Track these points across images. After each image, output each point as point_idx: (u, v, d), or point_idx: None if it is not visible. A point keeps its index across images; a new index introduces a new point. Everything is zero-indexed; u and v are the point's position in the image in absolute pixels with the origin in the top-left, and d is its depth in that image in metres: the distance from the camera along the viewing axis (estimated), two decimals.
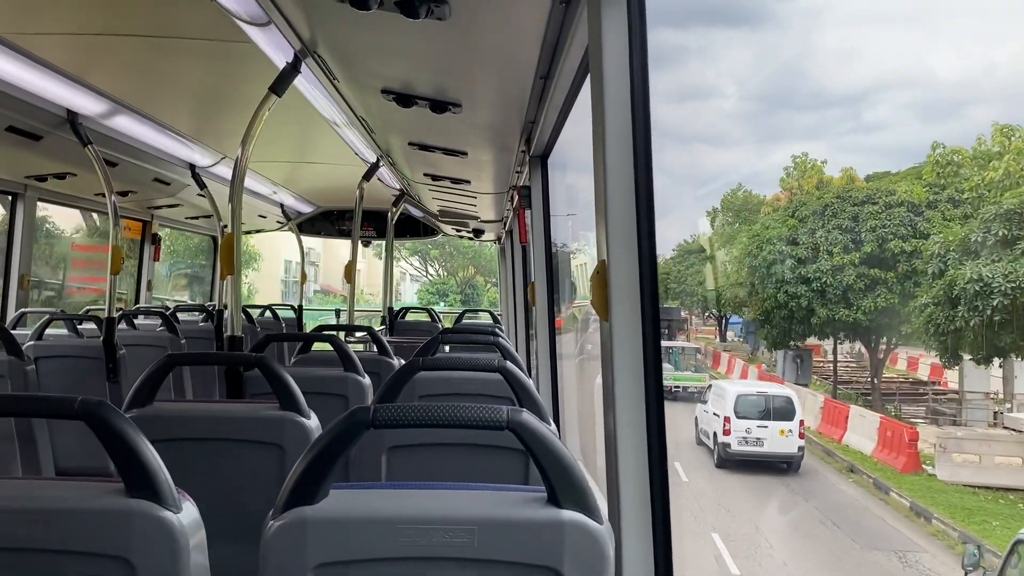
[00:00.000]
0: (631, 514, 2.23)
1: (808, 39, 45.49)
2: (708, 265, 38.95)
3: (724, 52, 48.64)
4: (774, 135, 47.57)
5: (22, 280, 6.47)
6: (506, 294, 11.84)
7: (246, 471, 2.83)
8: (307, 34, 3.38)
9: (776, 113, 47.71)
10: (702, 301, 40.46)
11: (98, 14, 3.57)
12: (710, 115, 46.71)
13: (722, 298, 36.71)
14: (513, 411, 1.75)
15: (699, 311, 43.29)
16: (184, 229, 10.65)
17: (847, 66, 46.29)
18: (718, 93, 47.62)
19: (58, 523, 1.71)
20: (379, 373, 4.37)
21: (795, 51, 45.00)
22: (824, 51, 46.03)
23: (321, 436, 1.76)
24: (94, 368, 5.49)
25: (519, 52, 3.29)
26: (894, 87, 47.85)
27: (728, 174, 49.41)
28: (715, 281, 37.09)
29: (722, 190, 43.06)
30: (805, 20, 48.06)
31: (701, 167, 47.98)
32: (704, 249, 40.69)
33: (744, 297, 32.84)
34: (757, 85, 45.89)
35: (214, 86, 4.83)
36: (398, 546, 1.72)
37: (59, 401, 1.77)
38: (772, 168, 46.06)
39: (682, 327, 40.39)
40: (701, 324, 43.90)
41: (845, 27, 49.89)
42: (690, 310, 42.63)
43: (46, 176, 6.15)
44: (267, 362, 2.93)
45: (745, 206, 41.17)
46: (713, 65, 47.39)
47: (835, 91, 46.00)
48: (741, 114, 48.12)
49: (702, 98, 46.33)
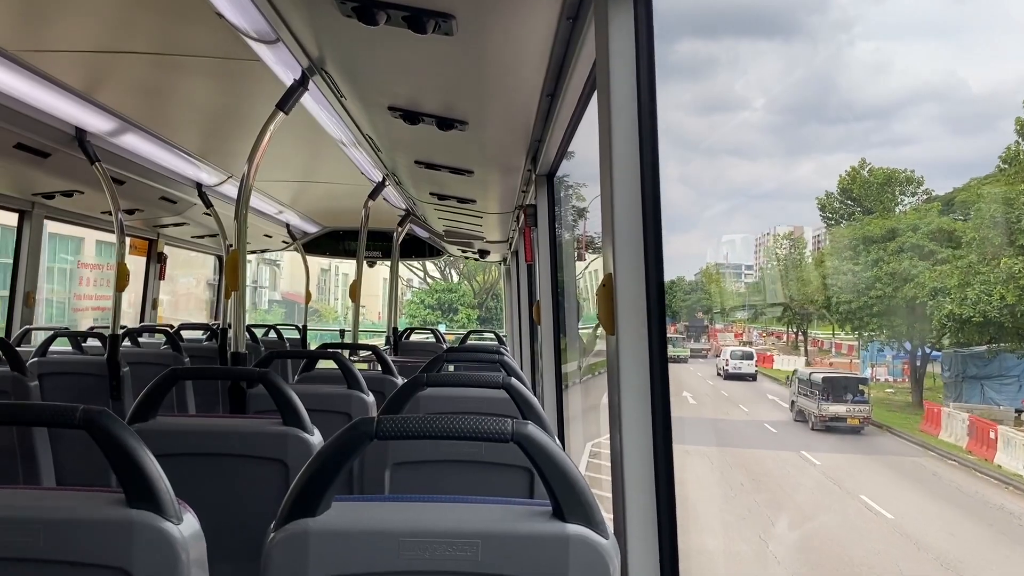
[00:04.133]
0: (637, 529, 2.20)
1: (840, 51, 45.40)
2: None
3: (752, 63, 48.59)
4: (803, 147, 47.36)
5: (27, 297, 6.48)
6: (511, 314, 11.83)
7: (249, 487, 2.81)
8: (315, 51, 3.39)
9: (806, 124, 47.53)
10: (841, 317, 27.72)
11: (107, 32, 3.60)
12: (737, 126, 46.44)
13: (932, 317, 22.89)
14: (518, 424, 1.73)
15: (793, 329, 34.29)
16: (189, 248, 10.68)
17: (877, 78, 46.17)
18: (746, 105, 47.50)
19: (58, 533, 1.69)
20: (383, 392, 4.36)
21: (825, 63, 44.80)
22: (856, 63, 45.93)
23: (324, 447, 1.75)
24: (97, 385, 5.48)
25: (526, 68, 3.30)
26: (926, 99, 47.71)
27: (759, 185, 48.71)
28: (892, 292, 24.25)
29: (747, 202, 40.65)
30: (836, 32, 48.06)
31: (726, 179, 47.52)
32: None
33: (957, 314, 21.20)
34: (786, 96, 45.70)
35: (221, 104, 4.86)
36: (401, 560, 1.69)
37: (61, 410, 1.76)
38: (800, 180, 45.36)
39: (699, 336, 35.25)
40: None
41: (877, 39, 49.91)
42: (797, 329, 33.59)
43: (53, 194, 6.17)
44: (271, 377, 2.92)
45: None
46: (743, 76, 47.28)
47: (866, 103, 45.84)
48: (770, 126, 47.95)
49: (731, 110, 46.14)
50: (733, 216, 42.69)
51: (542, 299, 5.68)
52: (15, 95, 4.19)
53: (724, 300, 38.81)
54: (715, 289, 38.43)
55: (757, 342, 35.82)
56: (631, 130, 2.28)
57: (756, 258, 42.27)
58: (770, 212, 45.45)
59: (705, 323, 36.79)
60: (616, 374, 2.24)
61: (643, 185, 2.28)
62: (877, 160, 34.11)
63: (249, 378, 3.56)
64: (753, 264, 41.95)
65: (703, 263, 39.99)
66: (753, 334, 36.95)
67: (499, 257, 12.42)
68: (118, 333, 5.66)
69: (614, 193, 2.27)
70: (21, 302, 6.45)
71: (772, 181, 44.93)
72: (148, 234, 9.26)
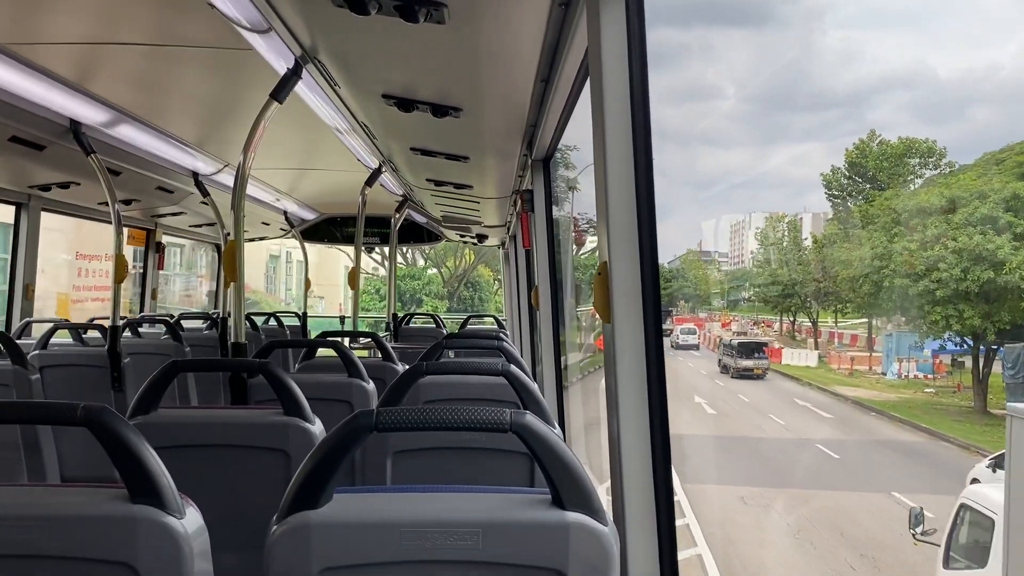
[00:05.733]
0: (636, 515, 2.22)
1: (810, 40, 45.37)
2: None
3: (725, 52, 48.54)
4: (774, 136, 47.40)
5: (27, 290, 6.49)
6: (510, 299, 11.84)
7: (251, 477, 2.83)
8: (307, 40, 3.38)
9: (776, 114, 47.59)
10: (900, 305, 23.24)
11: (100, 23, 3.58)
12: (710, 116, 46.50)
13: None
14: (516, 413, 1.74)
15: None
16: (188, 237, 10.67)
17: (848, 66, 46.21)
18: (719, 94, 47.56)
19: (62, 529, 1.71)
20: (383, 379, 4.37)
21: (797, 52, 44.78)
22: (827, 52, 45.93)
23: (325, 440, 1.76)
24: (99, 377, 5.49)
25: (519, 55, 3.29)
26: (896, 87, 47.75)
27: (730, 176, 48.80)
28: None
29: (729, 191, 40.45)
30: (808, 21, 47.99)
31: (700, 169, 47.64)
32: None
33: None
34: (757, 85, 45.72)
35: (216, 94, 4.84)
36: (403, 549, 1.71)
37: (62, 408, 1.77)
38: (773, 168, 45.36)
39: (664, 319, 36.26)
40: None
41: (847, 28, 49.90)
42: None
43: (50, 186, 6.16)
44: (271, 368, 2.93)
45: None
46: (713, 65, 47.34)
47: (837, 91, 45.90)
48: (741, 115, 47.95)
49: (703, 99, 46.31)
50: (708, 205, 42.81)
51: (540, 284, 5.68)
52: (9, 88, 4.18)
53: (705, 288, 38.27)
54: (695, 276, 37.71)
55: (752, 333, 35.38)
56: (624, 115, 2.27)
57: (731, 245, 42.25)
58: (743, 200, 45.59)
59: (670, 309, 37.29)
60: (613, 360, 2.26)
61: (636, 171, 2.28)
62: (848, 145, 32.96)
63: (249, 369, 3.57)
64: (729, 252, 41.87)
65: (678, 252, 39.74)
66: (737, 324, 36.40)
67: (497, 241, 12.41)
68: (118, 324, 5.67)
69: (608, 180, 2.27)
70: (20, 295, 6.45)
71: (746, 169, 45.02)
72: (146, 224, 9.25)
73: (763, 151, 47.00)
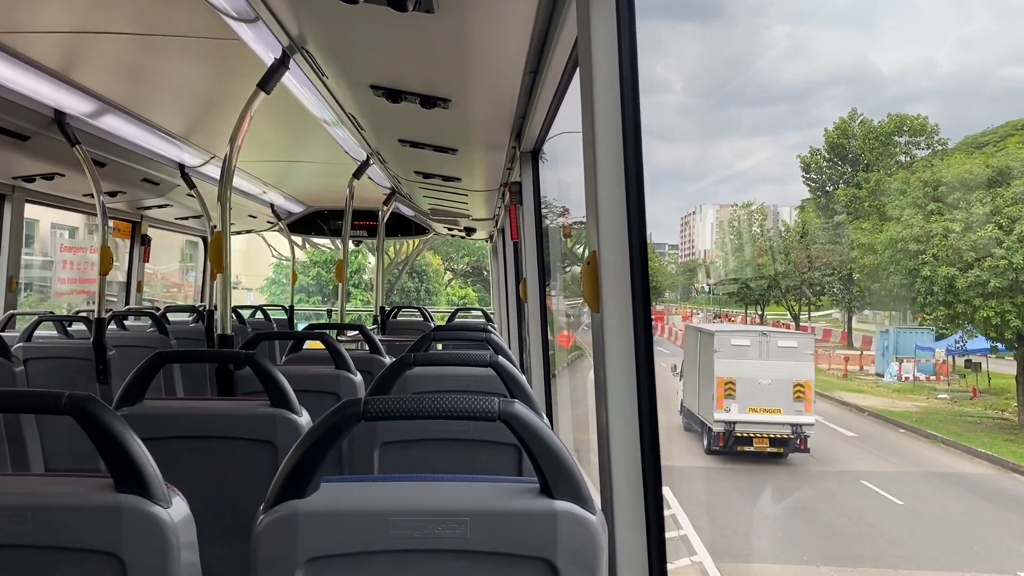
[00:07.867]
0: (624, 504, 2.22)
1: (756, 35, 45.91)
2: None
3: (673, 47, 48.85)
4: (720, 131, 47.88)
5: (10, 282, 6.44)
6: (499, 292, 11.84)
7: (237, 469, 2.82)
8: (295, 30, 3.36)
9: (725, 108, 48.02)
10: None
11: (85, 13, 3.55)
12: (658, 109, 46.66)
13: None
14: (505, 402, 1.74)
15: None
16: (173, 230, 10.61)
17: (793, 62, 46.80)
18: (666, 87, 47.81)
19: (47, 519, 1.70)
20: (371, 371, 4.36)
21: (744, 47, 45.23)
22: (772, 47, 46.54)
23: (312, 429, 1.75)
24: (84, 369, 5.46)
25: (508, 46, 3.29)
26: (839, 83, 48.40)
27: (681, 166, 48.94)
28: None
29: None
30: (753, 17, 48.60)
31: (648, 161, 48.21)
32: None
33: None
34: (705, 80, 46.09)
35: (203, 84, 4.81)
36: (390, 538, 1.71)
37: (47, 396, 1.76)
38: (723, 162, 45.58)
39: None
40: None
41: (792, 24, 50.53)
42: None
43: (34, 177, 6.11)
44: (257, 359, 2.91)
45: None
46: (662, 59, 47.56)
47: (783, 87, 46.52)
48: (691, 108, 48.30)
49: (651, 92, 46.50)
50: (656, 198, 42.95)
51: (528, 277, 5.68)
52: None
53: (662, 280, 38.14)
54: (653, 269, 37.20)
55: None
56: (614, 106, 2.27)
57: (682, 237, 42.30)
58: (693, 193, 45.93)
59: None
60: (601, 351, 2.26)
61: (626, 162, 2.28)
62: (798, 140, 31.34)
63: (236, 360, 3.56)
64: (679, 243, 41.85)
65: None
66: (696, 317, 35.80)
67: (485, 234, 12.40)
68: (104, 316, 5.63)
69: (597, 170, 2.27)
70: (4, 287, 6.40)
71: (695, 163, 45.30)
72: (132, 216, 9.19)
73: (709, 144, 47.43)
